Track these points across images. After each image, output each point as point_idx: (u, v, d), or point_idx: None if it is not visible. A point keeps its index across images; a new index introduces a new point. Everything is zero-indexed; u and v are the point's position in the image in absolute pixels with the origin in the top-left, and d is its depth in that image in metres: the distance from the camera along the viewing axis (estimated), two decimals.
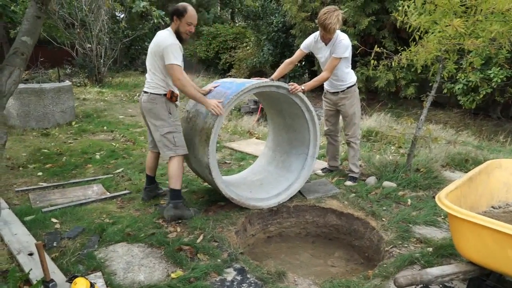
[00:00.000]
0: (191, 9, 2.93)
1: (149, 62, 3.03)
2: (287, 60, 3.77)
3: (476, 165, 3.39)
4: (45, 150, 4.97)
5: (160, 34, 3.00)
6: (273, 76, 3.56)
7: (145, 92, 3.04)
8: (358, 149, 3.98)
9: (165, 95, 2.99)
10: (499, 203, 2.77)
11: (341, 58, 3.51)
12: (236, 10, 16.37)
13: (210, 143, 2.91)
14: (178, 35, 2.97)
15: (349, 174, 4.02)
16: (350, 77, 3.79)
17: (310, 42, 3.70)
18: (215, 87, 3.33)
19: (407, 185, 3.84)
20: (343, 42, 3.48)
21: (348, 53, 3.55)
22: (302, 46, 3.75)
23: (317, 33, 3.61)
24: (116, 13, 14.85)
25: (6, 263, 2.40)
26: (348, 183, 3.92)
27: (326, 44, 3.59)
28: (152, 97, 2.99)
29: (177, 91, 3.07)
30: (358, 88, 3.95)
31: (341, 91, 3.80)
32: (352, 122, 3.85)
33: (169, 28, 3.02)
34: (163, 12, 2.90)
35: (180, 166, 3.06)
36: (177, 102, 3.11)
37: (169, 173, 3.07)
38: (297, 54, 3.74)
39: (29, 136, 5.75)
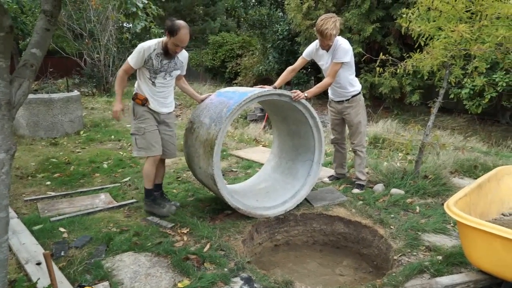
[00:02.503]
0: (183, 33, 2.95)
1: None
2: (289, 68, 3.78)
3: (485, 171, 3.35)
4: (54, 160, 5.02)
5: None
6: (276, 84, 3.59)
7: None
8: (364, 157, 3.96)
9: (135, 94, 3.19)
10: (510, 210, 2.73)
11: (342, 62, 3.48)
12: (242, 19, 16.52)
13: (214, 154, 2.91)
14: (165, 48, 3.08)
15: (356, 182, 4.00)
16: (354, 85, 3.77)
17: (312, 50, 3.71)
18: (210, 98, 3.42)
19: (415, 192, 3.80)
20: (343, 46, 3.46)
21: (349, 57, 3.52)
22: (304, 53, 3.77)
23: (316, 41, 3.64)
24: (124, 24, 15.05)
25: (14, 272, 2.41)
26: (355, 190, 3.89)
27: (327, 51, 3.58)
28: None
29: (141, 94, 3.17)
30: (363, 94, 3.95)
31: (346, 100, 3.79)
32: (358, 131, 3.83)
33: (162, 38, 3.15)
34: (162, 31, 2.95)
35: (148, 167, 3.22)
36: (149, 105, 3.18)
37: (143, 172, 3.30)
38: (299, 62, 3.76)
39: (38, 146, 5.82)
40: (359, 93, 3.82)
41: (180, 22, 2.98)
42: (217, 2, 19.86)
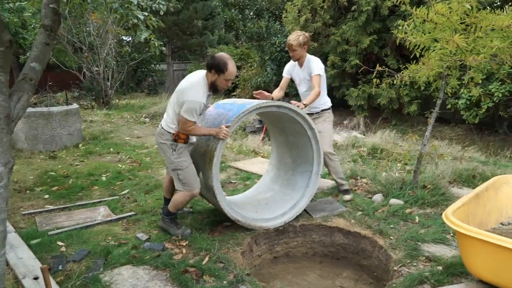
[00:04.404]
0: (231, 66, 2.87)
1: (172, 99, 3.02)
2: (276, 90, 3.92)
3: (484, 181, 3.35)
4: (52, 173, 5.01)
5: (192, 80, 2.94)
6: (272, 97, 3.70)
7: (161, 124, 3.10)
8: (337, 161, 3.97)
9: (173, 134, 3.00)
10: (509, 219, 2.73)
11: (320, 74, 3.67)
12: (240, 31, 16.67)
13: (213, 166, 2.92)
14: (214, 87, 2.95)
15: (340, 189, 4.01)
16: (325, 101, 3.94)
17: (289, 67, 3.95)
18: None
19: (414, 202, 3.80)
20: (316, 62, 3.71)
21: (323, 72, 3.73)
22: (284, 72, 3.99)
23: None
24: (123, 37, 15.21)
25: (12, 287, 2.39)
26: (346, 197, 3.92)
27: (301, 67, 3.82)
28: (162, 132, 3.04)
29: (182, 133, 3.01)
30: (360, 105, 4.02)
31: (316, 113, 3.92)
32: (324, 140, 3.79)
33: (202, 76, 2.95)
34: (161, 43, 2.95)
35: (183, 200, 3.10)
36: (189, 141, 3.10)
37: (173, 198, 3.15)
38: (283, 81, 3.97)
39: (37, 159, 5.81)
40: (329, 108, 3.97)
41: (224, 56, 2.89)
42: (215, 16, 20.09)
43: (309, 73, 3.72)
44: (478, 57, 3.25)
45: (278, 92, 3.86)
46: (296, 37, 3.64)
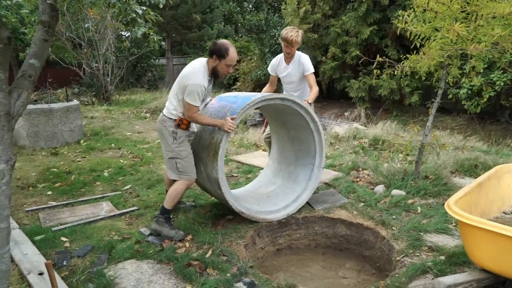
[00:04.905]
0: (232, 51, 2.91)
1: (174, 86, 3.04)
2: (266, 86, 4.02)
3: (486, 170, 3.34)
4: (54, 169, 5.03)
5: (193, 66, 2.98)
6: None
7: (163, 112, 3.12)
8: None
9: (175, 120, 3.01)
10: (511, 208, 2.73)
11: (313, 71, 3.76)
12: (239, 24, 16.57)
13: (218, 158, 2.91)
14: (215, 72, 2.98)
15: None
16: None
17: (274, 65, 3.97)
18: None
19: (416, 193, 3.80)
20: (306, 58, 3.78)
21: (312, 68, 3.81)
22: (269, 70, 4.02)
23: (279, 56, 3.93)
24: (122, 32, 15.15)
25: (17, 283, 2.41)
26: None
27: (287, 64, 3.85)
28: (163, 119, 3.06)
29: (185, 119, 3.03)
30: (361, 97, 4.03)
31: None
32: None
33: (204, 62, 2.99)
34: (160, 37, 2.93)
35: (179, 191, 3.07)
36: (190, 129, 3.12)
37: (168, 192, 3.12)
38: (271, 79, 4.03)
39: (39, 156, 5.82)
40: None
41: (225, 42, 2.94)
42: (214, 9, 19.96)
43: (301, 69, 3.78)
44: (480, 45, 3.22)
45: (268, 88, 3.97)
46: (297, 33, 3.63)
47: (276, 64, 3.94)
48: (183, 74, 2.96)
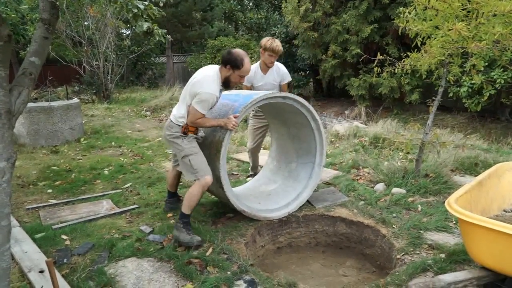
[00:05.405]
0: (247, 62, 2.86)
1: (184, 91, 3.00)
2: None
3: (486, 168, 3.34)
4: (55, 167, 5.03)
5: (206, 73, 2.92)
6: None
7: (170, 118, 3.05)
8: None
9: (182, 127, 2.97)
10: (511, 206, 2.73)
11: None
12: (240, 22, 16.55)
13: (221, 156, 2.91)
14: (227, 82, 2.94)
15: None
16: None
17: (249, 76, 3.77)
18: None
19: (416, 191, 3.80)
20: (284, 68, 3.97)
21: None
22: (245, 82, 3.83)
23: (254, 66, 3.80)
24: (122, 30, 15.12)
25: (18, 281, 2.42)
26: None
27: (265, 74, 3.90)
28: (170, 124, 3.00)
29: (191, 126, 2.99)
30: (362, 95, 4.04)
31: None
32: None
33: (217, 70, 2.94)
34: (165, 31, 2.90)
35: (195, 193, 2.90)
36: (198, 133, 3.09)
37: (185, 196, 2.96)
38: (245, 89, 3.98)
39: (39, 154, 5.83)
40: None
41: (240, 52, 2.88)
42: (214, 7, 19.93)
43: (279, 79, 3.93)
44: (480, 43, 3.22)
45: None
46: (279, 43, 3.77)
47: (252, 75, 3.82)
48: (195, 80, 2.89)
